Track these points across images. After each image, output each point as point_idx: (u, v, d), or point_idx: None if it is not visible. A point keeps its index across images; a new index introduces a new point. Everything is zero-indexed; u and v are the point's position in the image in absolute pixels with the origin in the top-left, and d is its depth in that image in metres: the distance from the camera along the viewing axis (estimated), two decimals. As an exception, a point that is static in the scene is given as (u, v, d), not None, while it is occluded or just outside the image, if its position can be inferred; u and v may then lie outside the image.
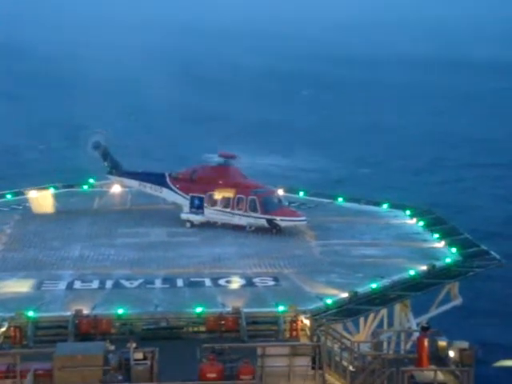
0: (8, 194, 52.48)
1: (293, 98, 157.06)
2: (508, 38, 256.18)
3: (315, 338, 31.28)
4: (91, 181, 54.63)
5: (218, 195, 45.29)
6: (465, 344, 31.01)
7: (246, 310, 33.10)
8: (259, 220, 44.69)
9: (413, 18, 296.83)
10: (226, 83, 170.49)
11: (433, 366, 30.12)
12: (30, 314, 32.28)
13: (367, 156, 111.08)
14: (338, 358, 30.47)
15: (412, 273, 37.87)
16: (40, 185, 54.39)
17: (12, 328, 31.81)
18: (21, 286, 36.38)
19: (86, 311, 32.75)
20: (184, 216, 46.28)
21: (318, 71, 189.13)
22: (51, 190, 53.04)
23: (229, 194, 44.95)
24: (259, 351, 28.89)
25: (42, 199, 50.95)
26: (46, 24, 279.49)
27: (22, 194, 52.24)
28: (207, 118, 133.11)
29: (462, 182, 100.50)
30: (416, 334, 32.88)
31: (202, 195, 45.82)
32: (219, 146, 53.75)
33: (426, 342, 30.64)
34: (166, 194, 47.75)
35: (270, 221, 44.56)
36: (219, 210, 45.45)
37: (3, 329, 31.81)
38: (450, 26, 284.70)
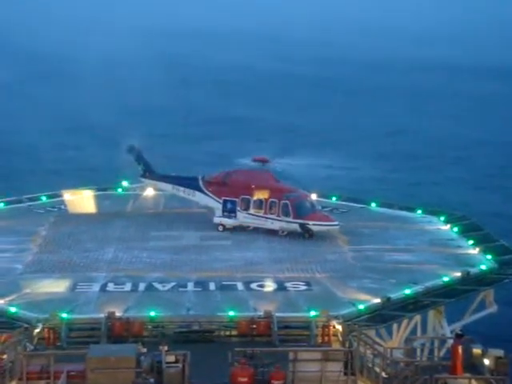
0: (43, 196, 53.07)
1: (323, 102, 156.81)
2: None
3: (347, 344, 31.09)
4: (125, 184, 55.03)
5: (250, 199, 45.28)
6: (500, 352, 30.55)
7: (277, 314, 33.03)
8: (292, 224, 44.58)
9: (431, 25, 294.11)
10: (251, 88, 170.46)
11: (467, 374, 29.74)
12: (64, 315, 32.58)
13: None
14: (370, 364, 30.19)
15: (446, 279, 37.48)
16: (75, 187, 55.04)
17: (46, 329, 32.13)
18: (55, 288, 36.76)
19: (118, 313, 32.94)
20: (217, 220, 46.37)
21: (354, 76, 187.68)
22: (86, 193, 53.57)
23: (262, 196, 44.94)
24: (291, 356, 28.79)
25: (77, 201, 51.50)
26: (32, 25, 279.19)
27: (57, 196, 52.83)
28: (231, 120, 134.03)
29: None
30: (450, 342, 32.52)
31: (234, 199, 45.88)
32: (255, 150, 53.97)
33: (460, 350, 30.24)
34: (198, 197, 47.89)
35: (302, 225, 44.43)
36: (252, 214, 45.45)
37: (38, 330, 32.14)
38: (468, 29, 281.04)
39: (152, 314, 33.01)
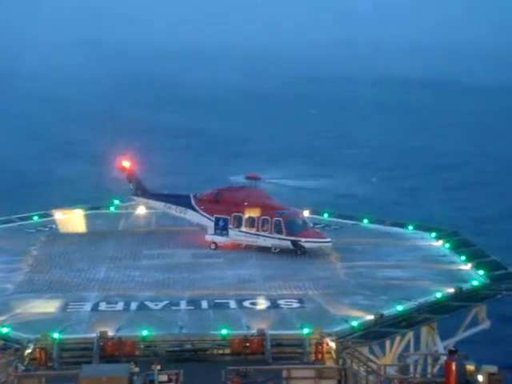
0: (35, 215, 52.90)
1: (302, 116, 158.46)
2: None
3: (341, 361, 30.99)
4: (116, 202, 54.93)
5: (242, 216, 45.27)
6: (494, 368, 30.47)
7: (270, 332, 32.92)
8: (284, 241, 44.57)
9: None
10: (247, 108, 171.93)
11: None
12: (56, 335, 32.37)
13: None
14: (364, 382, 30.10)
15: (438, 295, 37.48)
16: (66, 206, 54.88)
17: (37, 349, 31.91)
18: (46, 308, 36.55)
19: (110, 333, 32.77)
20: (209, 237, 46.31)
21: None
22: (77, 212, 53.42)
23: (254, 214, 44.93)
24: (284, 374, 28.66)
25: (68, 221, 51.35)
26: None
27: (49, 215, 52.67)
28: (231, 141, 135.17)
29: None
30: (443, 358, 32.43)
31: (226, 216, 45.84)
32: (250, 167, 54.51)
33: (453, 366, 30.14)
34: (190, 215, 47.83)
35: (294, 242, 44.42)
36: (244, 232, 45.41)
37: (29, 350, 31.90)
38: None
39: (144, 333, 32.83)
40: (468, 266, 42.17)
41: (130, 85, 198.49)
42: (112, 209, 54.78)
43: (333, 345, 32.25)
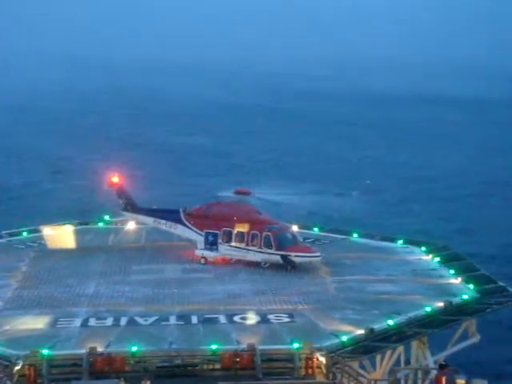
0: (24, 231, 52.70)
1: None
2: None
3: (331, 376, 30.95)
4: (106, 218, 54.81)
5: (232, 231, 45.26)
6: (484, 382, 30.56)
7: (261, 347, 32.84)
8: (274, 256, 44.56)
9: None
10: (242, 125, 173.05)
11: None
12: (45, 351, 32.17)
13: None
14: (354, 396, 30.09)
15: (428, 309, 37.51)
16: (55, 222, 54.72)
17: (27, 366, 31.69)
18: (36, 324, 36.33)
19: (100, 349, 32.60)
20: (198, 252, 46.25)
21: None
22: (66, 227, 53.27)
23: (244, 228, 44.93)
24: (275, 389, 28.56)
25: (58, 236, 51.17)
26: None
27: (38, 231, 52.47)
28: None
29: None
30: (434, 372, 32.46)
31: (216, 231, 45.82)
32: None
33: (444, 380, 30.23)
34: (180, 230, 47.78)
35: (284, 257, 44.42)
36: (234, 247, 45.39)
37: (18, 367, 31.69)
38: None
39: (134, 348, 32.68)
40: (458, 280, 42.26)
41: (106, 98, 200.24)
42: (101, 224, 54.64)
43: (323, 359, 32.21)
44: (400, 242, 50.18)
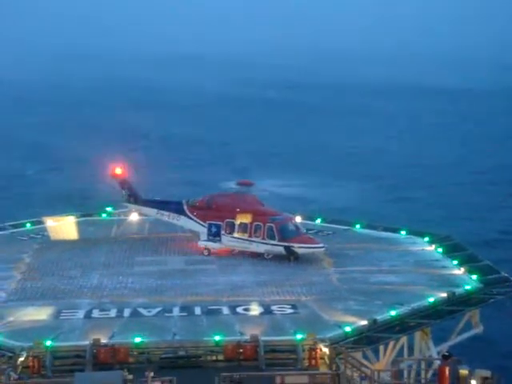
0: (27, 223, 52.74)
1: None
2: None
3: (334, 367, 30.99)
4: (109, 209, 54.83)
5: (235, 222, 45.26)
6: (487, 372, 30.57)
7: (264, 338, 32.87)
8: (277, 247, 44.55)
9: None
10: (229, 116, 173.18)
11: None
12: (49, 343, 32.25)
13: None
14: (357, 387, 30.14)
15: (431, 300, 37.52)
16: (58, 213, 54.78)
17: (30, 358, 31.77)
18: (39, 315, 36.41)
19: (103, 340, 32.67)
20: (201, 244, 46.26)
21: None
22: (69, 219, 53.31)
23: (247, 220, 44.91)
24: (278, 380, 28.67)
25: (60, 228, 51.23)
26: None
27: (41, 223, 52.53)
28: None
29: None
30: (437, 363, 32.47)
31: (219, 222, 45.83)
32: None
33: (447, 371, 30.23)
34: (183, 221, 47.78)
35: (287, 248, 44.41)
36: (237, 238, 45.39)
37: (21, 358, 31.78)
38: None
39: (137, 339, 32.74)
40: (461, 271, 42.23)
41: (105, 89, 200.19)
42: (104, 216, 54.67)
43: (326, 350, 32.23)
44: (403, 232, 50.15)
